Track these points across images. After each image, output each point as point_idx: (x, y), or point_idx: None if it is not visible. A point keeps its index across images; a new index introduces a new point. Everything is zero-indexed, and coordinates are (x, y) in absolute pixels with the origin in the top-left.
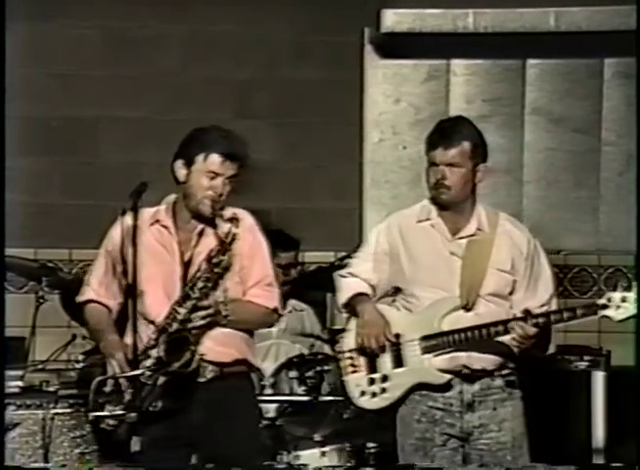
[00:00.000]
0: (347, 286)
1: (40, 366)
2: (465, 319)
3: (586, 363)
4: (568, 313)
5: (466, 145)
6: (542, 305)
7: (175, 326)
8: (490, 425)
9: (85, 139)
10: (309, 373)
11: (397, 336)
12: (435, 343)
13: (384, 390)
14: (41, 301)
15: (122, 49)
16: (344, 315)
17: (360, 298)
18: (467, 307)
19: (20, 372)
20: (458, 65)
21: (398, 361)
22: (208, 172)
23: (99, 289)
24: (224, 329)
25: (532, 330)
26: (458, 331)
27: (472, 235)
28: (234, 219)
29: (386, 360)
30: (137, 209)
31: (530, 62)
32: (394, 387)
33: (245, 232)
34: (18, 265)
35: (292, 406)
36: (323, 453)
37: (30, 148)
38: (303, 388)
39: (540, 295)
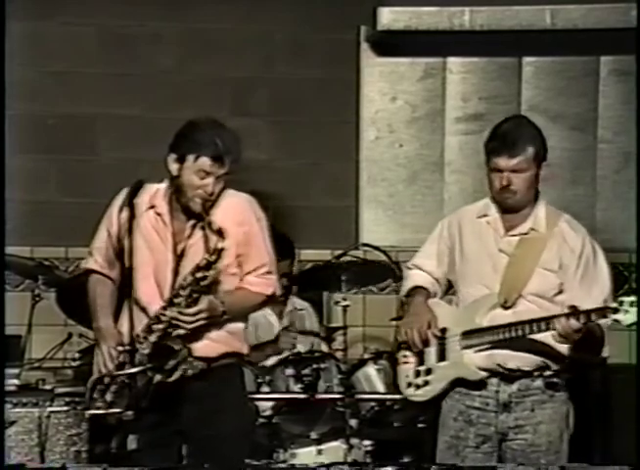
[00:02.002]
0: (410, 278)
1: (36, 364)
2: (503, 317)
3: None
4: (583, 316)
5: (530, 150)
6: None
7: (162, 326)
8: (526, 426)
9: (82, 137)
10: (306, 371)
11: (444, 330)
12: (475, 339)
13: (426, 383)
14: (37, 299)
15: (120, 47)
16: (340, 313)
17: (417, 290)
18: (506, 306)
19: (16, 370)
20: (454, 62)
21: (442, 355)
22: (199, 171)
23: (101, 261)
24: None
25: (576, 324)
26: (497, 327)
27: (524, 234)
28: (221, 232)
29: (432, 353)
30: (133, 206)
31: (526, 59)
32: (436, 380)
33: (236, 227)
34: (14, 263)
35: (288, 404)
36: (319, 451)
37: (27, 146)
38: (300, 385)
39: (595, 297)
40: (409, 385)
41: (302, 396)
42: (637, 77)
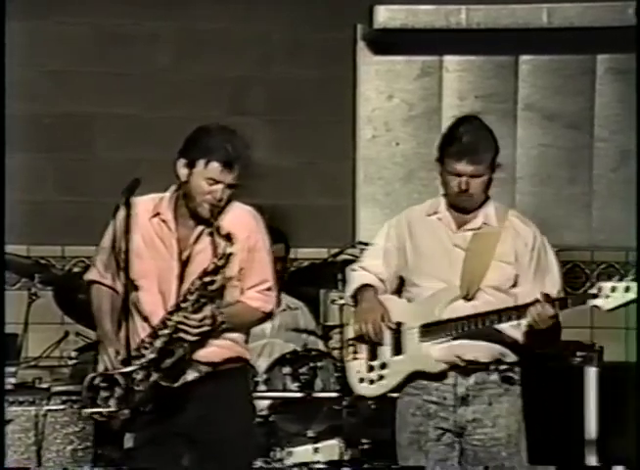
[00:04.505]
0: (355, 279)
1: (33, 363)
2: (464, 309)
3: (579, 359)
4: (560, 303)
5: (489, 157)
6: None
7: (167, 331)
8: (485, 420)
9: (79, 136)
10: (302, 369)
11: (399, 324)
12: (436, 330)
13: (381, 377)
14: (34, 297)
15: (117, 46)
16: (337, 311)
17: (364, 288)
18: (467, 298)
19: (12, 369)
20: (451, 61)
21: (398, 349)
22: (208, 179)
23: (103, 271)
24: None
25: (551, 310)
26: (465, 318)
27: (477, 228)
28: (229, 237)
29: (386, 348)
30: (129, 205)
31: (523, 58)
32: (392, 374)
33: (243, 240)
34: (11, 262)
35: (285, 403)
36: (316, 450)
37: (24, 145)
38: (297, 384)
39: (549, 288)
40: (362, 380)
41: (299, 394)
42: (637, 76)
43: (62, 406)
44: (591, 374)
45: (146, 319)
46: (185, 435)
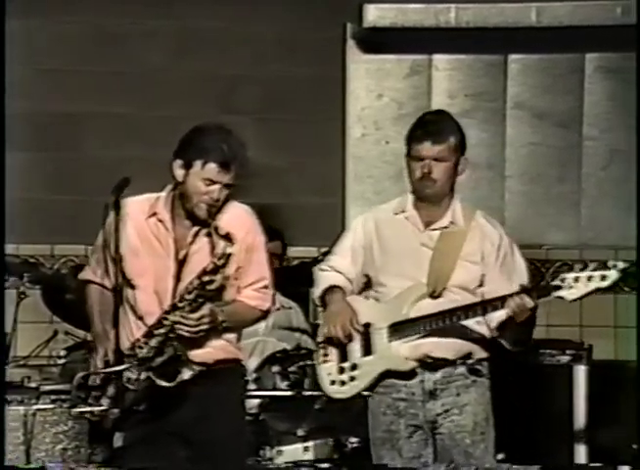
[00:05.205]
0: (323, 279)
1: (22, 362)
2: (431, 307)
3: (568, 357)
4: (525, 295)
5: (452, 140)
6: None
7: (163, 331)
8: (453, 409)
9: (70, 135)
10: (292, 368)
11: (367, 325)
12: (404, 329)
13: (352, 378)
14: (22, 296)
15: (109, 45)
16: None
17: (332, 290)
18: (434, 296)
19: None
20: (440, 60)
21: (367, 350)
22: (205, 179)
23: (97, 270)
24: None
25: (530, 302)
26: (431, 315)
27: (444, 227)
28: (229, 237)
29: (356, 349)
30: (119, 204)
31: (512, 57)
32: (363, 375)
33: (240, 239)
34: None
35: (274, 401)
36: (306, 448)
37: (18, 143)
38: (286, 383)
39: (515, 286)
40: (333, 382)
41: (289, 393)
42: (637, 77)
43: (51, 405)
44: (580, 372)
45: (141, 318)
46: (177, 434)
